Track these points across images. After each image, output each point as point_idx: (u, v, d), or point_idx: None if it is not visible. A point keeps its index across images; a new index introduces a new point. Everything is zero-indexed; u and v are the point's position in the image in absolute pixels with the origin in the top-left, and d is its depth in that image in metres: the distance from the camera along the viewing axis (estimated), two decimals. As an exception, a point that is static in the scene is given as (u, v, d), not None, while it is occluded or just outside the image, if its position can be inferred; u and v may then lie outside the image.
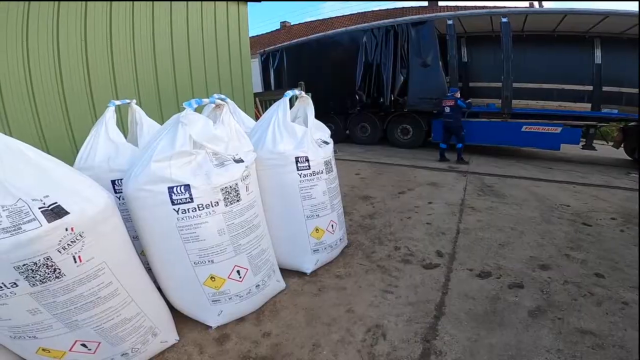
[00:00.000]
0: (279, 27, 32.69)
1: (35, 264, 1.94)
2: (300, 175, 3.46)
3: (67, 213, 2.01)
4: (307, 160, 3.50)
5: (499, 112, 10.30)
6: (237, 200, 2.76)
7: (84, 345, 2.25)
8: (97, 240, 2.17)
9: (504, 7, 19.74)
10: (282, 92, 4.23)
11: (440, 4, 25.68)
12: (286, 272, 3.66)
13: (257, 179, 3.13)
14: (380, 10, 26.95)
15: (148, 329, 2.55)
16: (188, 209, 2.52)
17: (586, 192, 6.85)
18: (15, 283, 1.95)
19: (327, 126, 4.10)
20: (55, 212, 2.01)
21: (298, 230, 3.60)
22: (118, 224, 2.39)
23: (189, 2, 7.06)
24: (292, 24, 32.94)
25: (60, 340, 2.19)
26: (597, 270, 3.77)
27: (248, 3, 8.48)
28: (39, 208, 1.93)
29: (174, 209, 2.50)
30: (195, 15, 7.27)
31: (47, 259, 1.97)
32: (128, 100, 3.59)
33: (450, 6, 24.68)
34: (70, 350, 2.23)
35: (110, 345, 2.33)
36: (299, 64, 13.66)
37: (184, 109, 2.66)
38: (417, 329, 2.91)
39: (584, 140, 10.20)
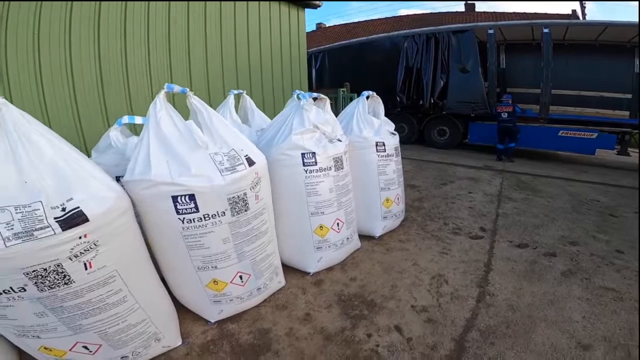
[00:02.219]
0: (314, 29, 33.98)
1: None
2: (378, 156, 4.63)
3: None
4: (384, 144, 4.68)
5: (536, 117, 11.27)
6: (342, 168, 3.92)
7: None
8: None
9: (540, 12, 20.52)
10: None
11: (477, 9, 26.68)
12: (360, 236, 4.77)
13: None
14: (416, 14, 27.90)
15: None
16: (313, 170, 3.64)
17: (616, 192, 7.78)
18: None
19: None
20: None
21: (373, 199, 4.74)
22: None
23: (250, 3, 8.34)
24: (327, 25, 34.20)
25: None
26: (618, 248, 4.77)
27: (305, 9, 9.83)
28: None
29: (304, 169, 3.61)
30: (258, 17, 8.55)
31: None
32: (242, 91, 4.76)
33: (487, 12, 25.53)
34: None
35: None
36: (341, 66, 14.76)
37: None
38: (472, 278, 4.00)
39: (619, 146, 11.01)
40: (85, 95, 5.35)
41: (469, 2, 27.25)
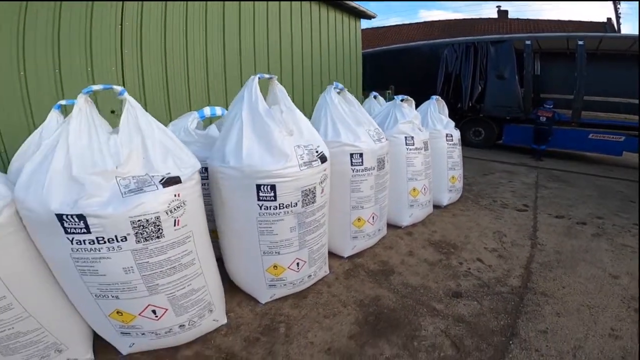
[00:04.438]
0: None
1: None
2: (448, 144, 6.54)
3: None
4: (452, 136, 6.59)
5: (568, 121, 12.83)
6: (426, 149, 5.81)
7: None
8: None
9: (574, 19, 21.86)
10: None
11: (510, 16, 28.02)
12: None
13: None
14: (449, 20, 29.22)
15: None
16: (413, 149, 5.47)
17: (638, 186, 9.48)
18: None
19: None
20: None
21: (442, 176, 6.60)
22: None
23: (313, 11, 10.36)
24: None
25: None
26: (635, 222, 6.30)
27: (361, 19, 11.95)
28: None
29: (407, 148, 5.46)
30: (319, 24, 10.62)
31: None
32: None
33: (520, 19, 26.79)
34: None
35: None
36: (381, 70, 16.60)
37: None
38: (524, 234, 5.73)
39: (644, 148, 12.62)
40: (174, 86, 6.94)
41: (501, 9, 28.73)
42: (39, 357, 2.60)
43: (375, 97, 7.19)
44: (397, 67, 16.08)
